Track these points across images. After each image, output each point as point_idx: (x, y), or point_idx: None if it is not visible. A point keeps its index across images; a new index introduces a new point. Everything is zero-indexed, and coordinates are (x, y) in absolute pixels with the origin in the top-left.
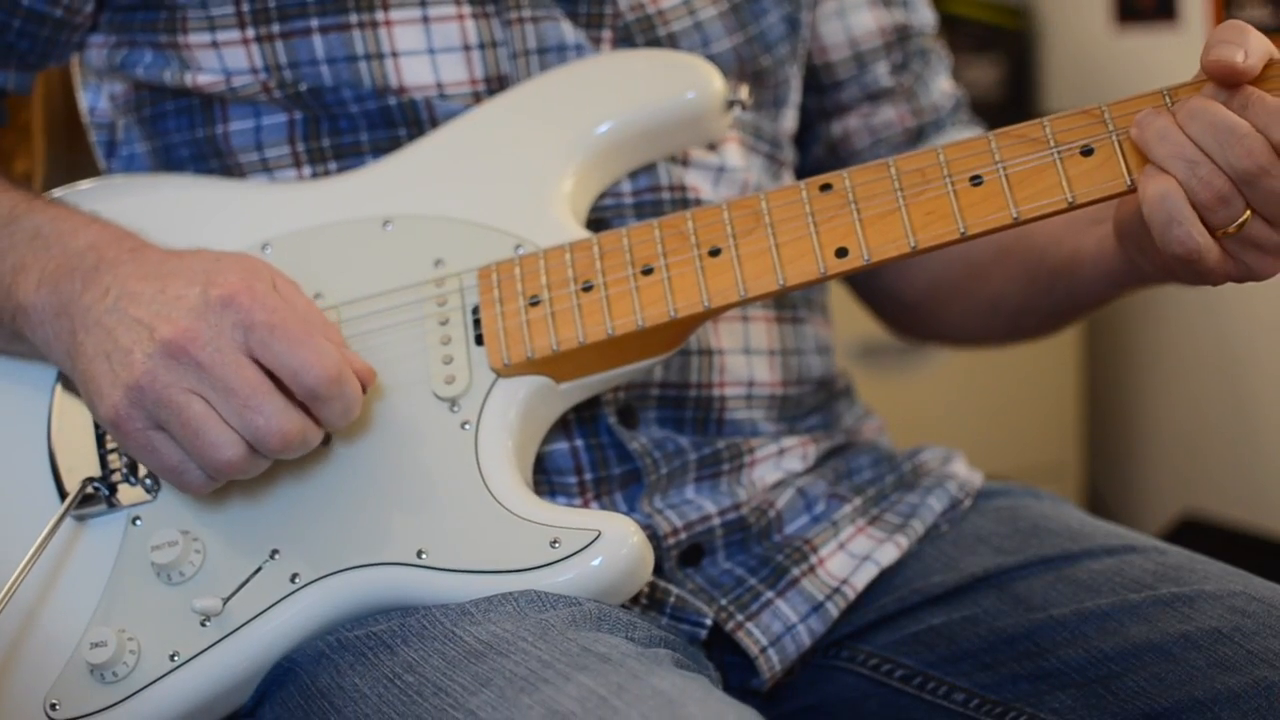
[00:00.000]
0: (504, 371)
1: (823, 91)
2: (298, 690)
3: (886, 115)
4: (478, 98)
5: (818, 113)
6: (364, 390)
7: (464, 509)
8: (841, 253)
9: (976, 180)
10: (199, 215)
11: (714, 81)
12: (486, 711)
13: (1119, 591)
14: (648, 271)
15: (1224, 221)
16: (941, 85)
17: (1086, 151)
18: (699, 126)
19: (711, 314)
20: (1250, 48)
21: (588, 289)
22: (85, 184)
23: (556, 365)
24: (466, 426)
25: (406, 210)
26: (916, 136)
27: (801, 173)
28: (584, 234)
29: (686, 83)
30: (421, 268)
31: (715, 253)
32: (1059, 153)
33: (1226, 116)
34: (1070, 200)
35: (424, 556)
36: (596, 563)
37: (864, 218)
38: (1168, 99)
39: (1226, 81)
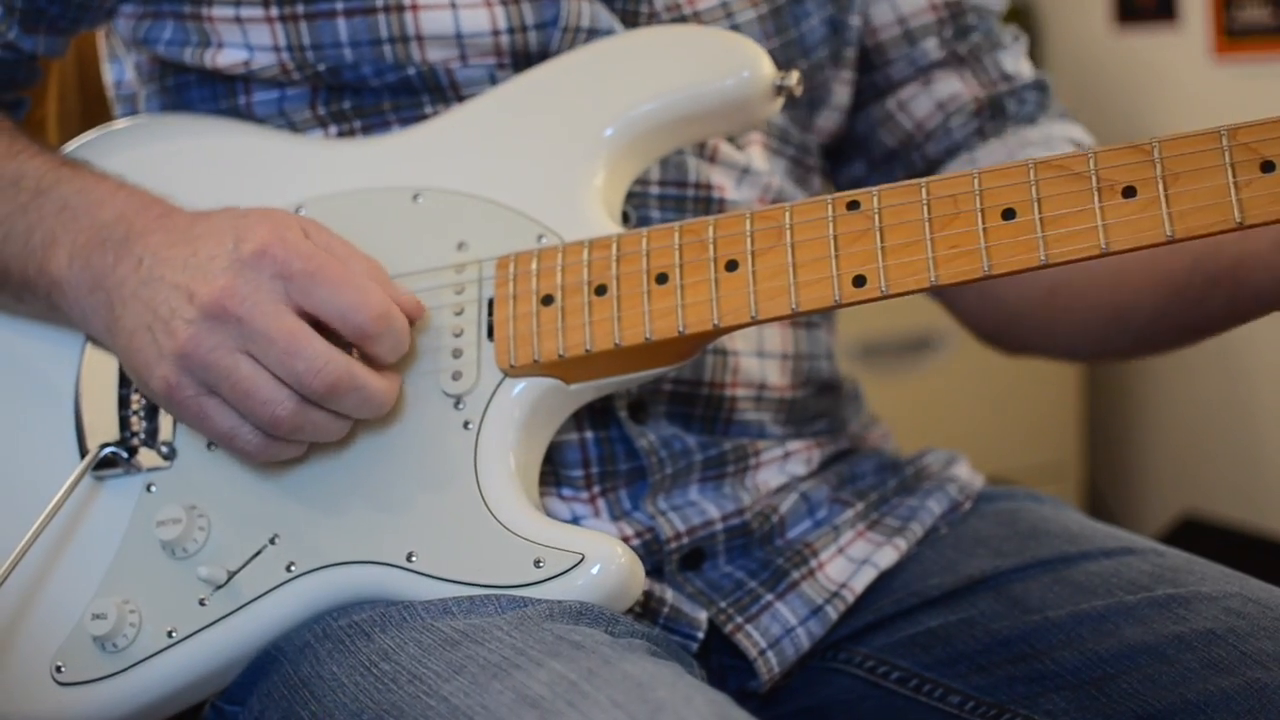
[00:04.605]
0: (511, 372)
1: (873, 69)
2: (281, 680)
3: (951, 86)
4: (501, 67)
5: (870, 94)
6: (411, 324)
7: (456, 514)
8: (859, 281)
9: (1009, 214)
10: (236, 168)
11: (763, 64)
12: (459, 697)
13: (1115, 593)
14: (662, 280)
15: None
16: (1017, 62)
17: (1129, 193)
18: (744, 111)
19: (721, 333)
20: None
21: (601, 293)
22: (121, 123)
23: (564, 369)
24: (469, 426)
25: (438, 183)
26: (993, 108)
27: (871, 167)
28: (607, 229)
29: (735, 63)
30: (444, 250)
31: (732, 267)
32: (1099, 192)
33: None
34: (1104, 248)
35: (414, 560)
36: (578, 584)
37: (886, 246)
38: (1225, 139)
39: None
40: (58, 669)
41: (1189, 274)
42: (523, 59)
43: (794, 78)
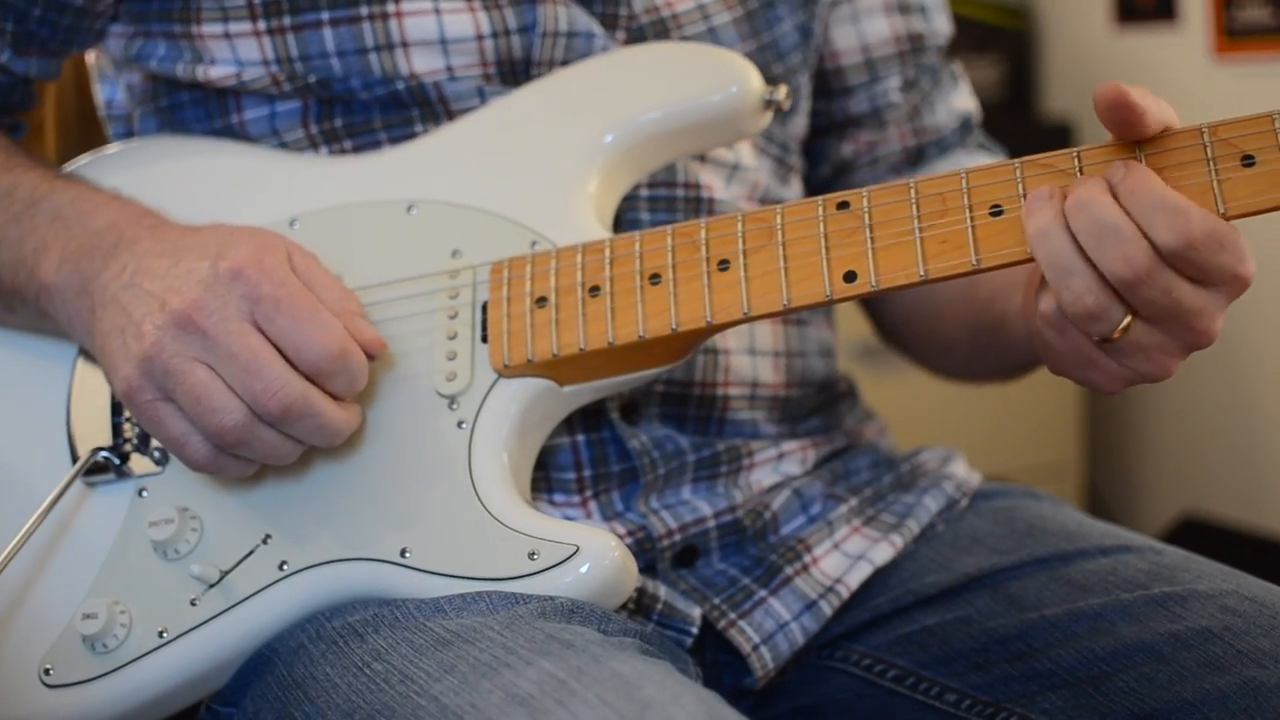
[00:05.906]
0: (505, 372)
1: (831, 97)
2: (275, 681)
3: (888, 134)
4: (488, 79)
5: (827, 126)
6: (371, 359)
7: (450, 510)
8: (850, 277)
9: (996, 211)
10: (228, 186)
11: (752, 79)
12: (449, 697)
13: (1112, 591)
14: (655, 280)
15: (1102, 332)
16: (950, 105)
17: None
18: (733, 125)
19: (714, 330)
20: (1149, 100)
21: (594, 293)
22: (112, 148)
23: (558, 369)
24: (463, 426)
25: (431, 195)
26: (916, 157)
27: (808, 190)
28: (600, 234)
29: (724, 79)
30: (439, 257)
31: (724, 267)
32: None
33: (1108, 213)
34: None
35: (407, 556)
36: (570, 579)
37: (876, 243)
38: (1206, 135)
39: (1115, 115)
40: (46, 671)
41: (981, 317)
42: (507, 67)
43: (782, 92)
